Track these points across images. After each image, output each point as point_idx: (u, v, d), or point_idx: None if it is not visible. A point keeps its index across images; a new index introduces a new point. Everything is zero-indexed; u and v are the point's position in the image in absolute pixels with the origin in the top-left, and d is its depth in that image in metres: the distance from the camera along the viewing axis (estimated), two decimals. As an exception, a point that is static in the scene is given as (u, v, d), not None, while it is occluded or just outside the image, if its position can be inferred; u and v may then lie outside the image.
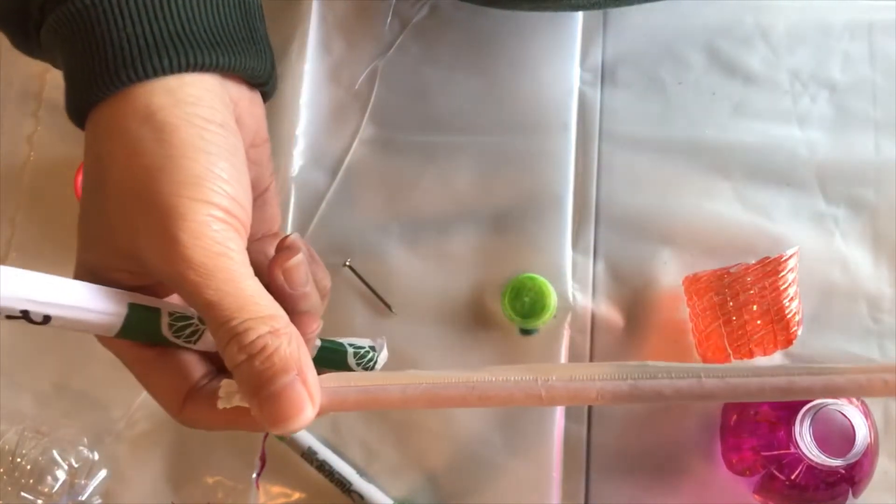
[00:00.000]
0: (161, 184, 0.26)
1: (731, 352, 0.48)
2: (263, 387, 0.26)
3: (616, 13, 0.58)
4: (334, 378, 0.29)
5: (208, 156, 0.27)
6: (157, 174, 0.26)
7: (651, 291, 0.53)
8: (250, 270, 0.28)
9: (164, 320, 0.29)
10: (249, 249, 0.29)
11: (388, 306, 0.53)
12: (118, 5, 0.28)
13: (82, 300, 0.27)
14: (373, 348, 0.36)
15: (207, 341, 0.30)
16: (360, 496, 0.49)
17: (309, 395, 0.26)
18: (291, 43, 0.58)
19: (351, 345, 0.35)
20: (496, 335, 0.52)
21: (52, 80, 0.59)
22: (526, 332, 0.52)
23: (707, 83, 0.56)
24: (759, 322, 0.47)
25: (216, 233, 0.26)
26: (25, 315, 0.27)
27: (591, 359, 0.52)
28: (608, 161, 0.55)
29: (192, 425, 0.30)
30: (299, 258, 0.30)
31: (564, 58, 0.57)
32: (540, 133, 0.56)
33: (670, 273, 0.53)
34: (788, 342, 0.47)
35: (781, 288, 0.47)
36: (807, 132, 0.55)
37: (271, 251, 0.33)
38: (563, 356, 0.52)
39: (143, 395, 0.53)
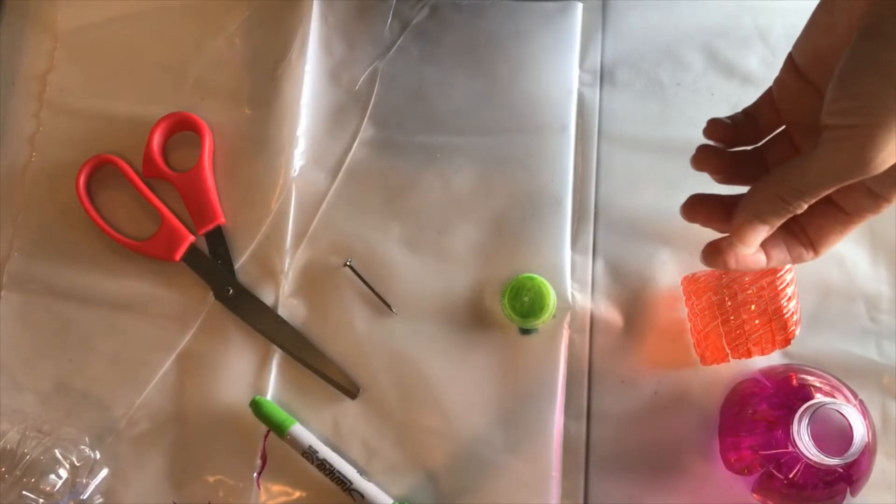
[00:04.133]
0: None
1: (729, 351, 0.48)
2: None
3: (615, 14, 0.58)
4: None
5: None
6: None
7: (650, 291, 0.53)
8: None
9: None
10: None
11: (389, 306, 0.53)
12: None
13: None
14: None
15: None
16: (361, 495, 0.50)
17: None
18: (292, 43, 0.58)
19: None
20: (496, 335, 0.53)
21: (54, 81, 0.59)
22: (525, 331, 0.52)
23: (705, 84, 0.56)
24: (757, 322, 0.47)
25: None
26: None
27: (591, 358, 0.52)
28: (607, 161, 0.56)
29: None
30: None
31: (564, 59, 0.57)
32: (540, 133, 0.56)
33: (669, 273, 0.53)
34: (787, 342, 0.48)
35: (779, 288, 0.47)
36: (805, 132, 0.55)
37: None
38: (563, 356, 0.52)
39: (145, 395, 0.53)
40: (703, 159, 0.44)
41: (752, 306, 0.47)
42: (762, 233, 0.38)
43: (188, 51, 0.59)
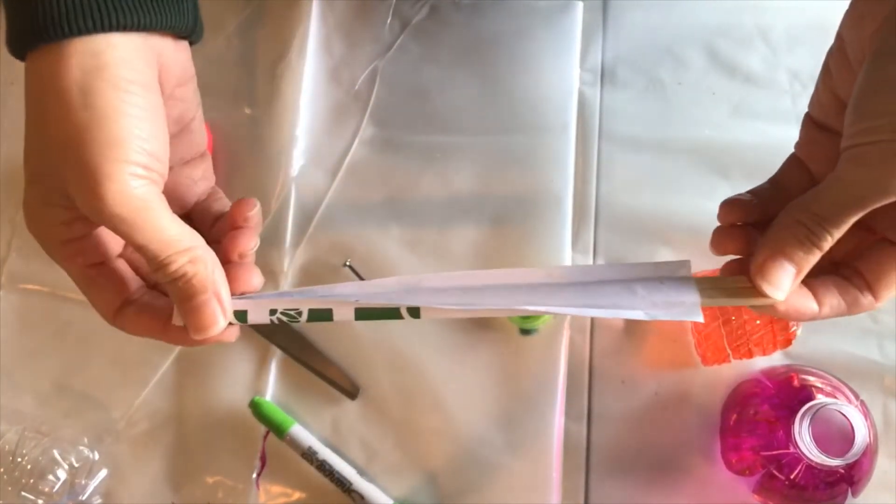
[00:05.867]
0: (87, 145, 0.30)
1: (730, 351, 0.48)
2: (185, 302, 0.33)
3: (616, 13, 0.58)
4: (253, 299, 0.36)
5: (129, 118, 0.31)
6: (84, 135, 0.30)
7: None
8: (168, 212, 0.32)
9: None
10: (178, 174, 0.37)
11: (388, 306, 0.53)
12: None
13: None
14: None
15: None
16: (361, 496, 0.50)
17: (222, 310, 0.33)
18: (291, 43, 0.58)
19: None
20: (496, 335, 0.53)
21: (53, 80, 0.59)
22: (526, 332, 0.52)
23: (707, 83, 0.56)
24: (758, 322, 0.47)
25: (136, 189, 0.31)
26: None
27: (591, 358, 0.52)
28: (608, 161, 0.56)
29: (124, 330, 0.36)
30: (255, 243, 0.36)
31: (564, 58, 0.57)
32: (540, 133, 0.56)
33: (670, 273, 0.53)
34: (787, 342, 0.48)
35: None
36: (806, 132, 0.55)
37: (197, 173, 0.39)
38: (563, 356, 0.52)
39: (144, 395, 0.53)
40: (722, 240, 0.38)
41: (754, 306, 0.47)
42: (788, 271, 0.34)
43: (188, 50, 0.59)
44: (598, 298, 0.35)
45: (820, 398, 0.43)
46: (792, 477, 0.44)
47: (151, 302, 0.36)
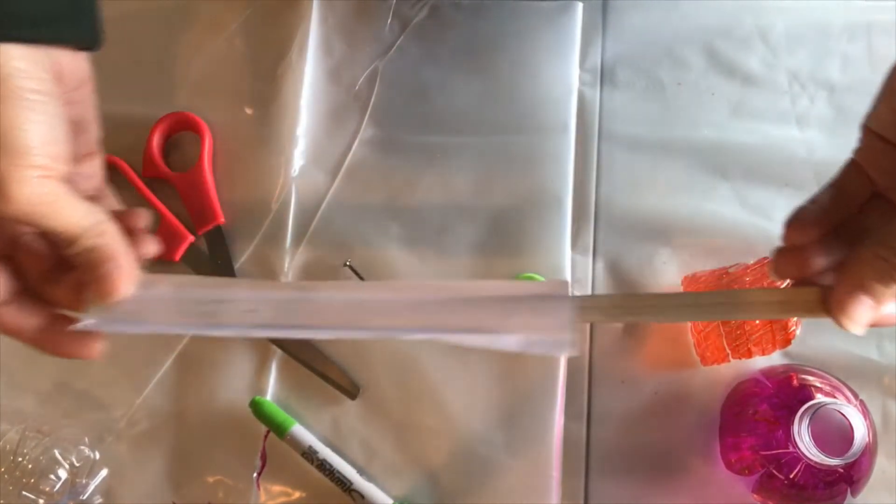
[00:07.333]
0: None
1: (729, 351, 0.48)
2: (95, 270, 0.36)
3: (615, 13, 0.58)
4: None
5: (33, 125, 0.33)
6: None
7: (650, 291, 0.53)
8: (73, 196, 0.35)
9: None
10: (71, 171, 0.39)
11: (388, 306, 0.53)
12: None
13: None
14: None
15: None
16: (361, 495, 0.50)
17: (128, 277, 0.37)
18: (292, 43, 0.58)
19: None
20: (496, 335, 0.53)
21: (53, 80, 0.59)
22: (525, 331, 0.52)
23: (706, 84, 0.56)
24: (757, 322, 0.47)
25: (45, 186, 0.33)
26: None
27: (591, 358, 0.52)
28: (607, 161, 0.56)
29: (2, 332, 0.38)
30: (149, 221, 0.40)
31: (564, 58, 0.57)
32: (540, 133, 0.56)
33: (669, 273, 0.53)
34: (787, 342, 0.48)
35: (780, 287, 0.47)
36: (805, 132, 0.55)
37: (89, 170, 0.41)
38: (563, 356, 0.52)
39: (144, 395, 0.53)
40: (788, 267, 0.37)
41: (753, 306, 0.47)
42: (867, 307, 0.34)
43: (188, 51, 0.59)
44: (478, 317, 0.34)
45: (819, 398, 0.44)
46: (791, 476, 0.44)
47: (31, 302, 0.38)
